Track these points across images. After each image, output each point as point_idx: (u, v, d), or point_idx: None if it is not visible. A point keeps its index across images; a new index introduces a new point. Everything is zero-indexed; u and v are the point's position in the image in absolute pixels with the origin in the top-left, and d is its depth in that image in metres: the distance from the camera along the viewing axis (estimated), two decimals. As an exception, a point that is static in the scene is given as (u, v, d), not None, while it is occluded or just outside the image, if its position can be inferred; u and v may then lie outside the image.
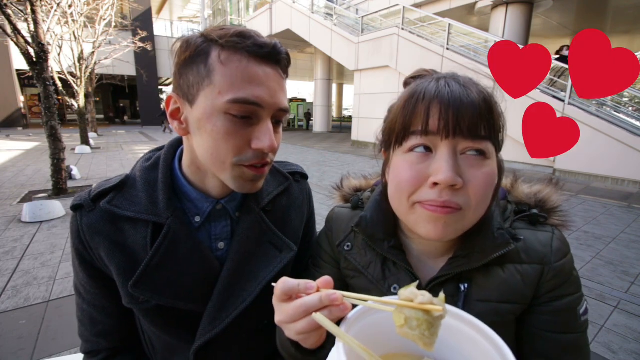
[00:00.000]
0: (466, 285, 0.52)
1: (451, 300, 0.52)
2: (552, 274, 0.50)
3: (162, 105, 18.31)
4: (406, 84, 0.55)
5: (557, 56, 6.99)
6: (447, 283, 0.52)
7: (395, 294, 0.53)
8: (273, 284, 0.41)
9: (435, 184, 0.44)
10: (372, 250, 0.58)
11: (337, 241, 0.63)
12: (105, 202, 0.56)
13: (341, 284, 0.64)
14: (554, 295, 0.51)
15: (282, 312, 0.39)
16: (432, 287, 0.53)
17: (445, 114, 0.44)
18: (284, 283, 0.39)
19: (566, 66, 6.61)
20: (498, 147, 0.49)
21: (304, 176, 0.78)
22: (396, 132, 0.49)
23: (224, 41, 0.49)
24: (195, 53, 0.50)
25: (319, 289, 0.38)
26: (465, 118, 0.44)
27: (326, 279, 0.39)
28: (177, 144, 0.64)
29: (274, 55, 0.51)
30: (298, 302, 0.38)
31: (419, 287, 0.52)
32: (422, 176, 0.45)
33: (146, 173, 0.59)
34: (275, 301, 0.41)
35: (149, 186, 0.57)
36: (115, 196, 0.57)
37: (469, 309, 0.50)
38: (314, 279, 0.63)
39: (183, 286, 0.57)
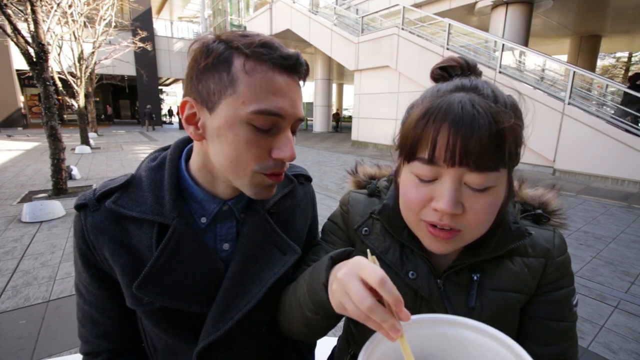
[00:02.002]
0: (478, 275, 0.56)
1: (465, 289, 0.56)
2: (554, 268, 0.56)
3: (148, 107, 18.37)
4: (434, 75, 0.55)
5: (630, 85, 6.28)
6: (461, 272, 0.56)
7: (413, 279, 0.57)
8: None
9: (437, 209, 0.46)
10: (390, 236, 0.60)
11: (355, 224, 0.64)
12: (110, 201, 0.55)
13: None
14: (554, 287, 0.56)
15: (354, 287, 0.39)
16: (447, 275, 0.56)
17: (452, 144, 0.43)
18: (385, 280, 0.37)
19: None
20: (511, 166, 0.49)
21: (308, 179, 0.78)
22: (405, 150, 0.50)
23: (250, 51, 0.48)
24: (217, 60, 0.49)
25: (393, 308, 0.38)
26: (472, 152, 0.43)
27: (406, 313, 0.37)
28: (183, 144, 0.64)
29: (297, 67, 0.52)
30: (370, 301, 0.37)
31: (435, 275, 0.57)
32: (426, 197, 0.48)
33: (152, 173, 0.58)
34: (357, 273, 0.39)
35: (154, 186, 0.57)
36: (120, 196, 0.56)
37: (482, 297, 0.55)
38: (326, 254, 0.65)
39: (187, 287, 0.56)
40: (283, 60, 0.49)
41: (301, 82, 0.55)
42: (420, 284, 0.57)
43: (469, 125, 0.43)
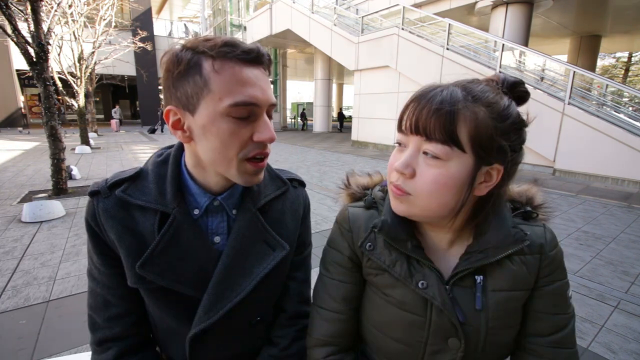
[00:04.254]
0: (481, 277, 0.58)
1: (471, 292, 0.58)
2: (548, 262, 0.59)
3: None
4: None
5: None
6: (465, 277, 0.58)
7: (424, 289, 0.58)
8: None
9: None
10: (395, 249, 0.61)
11: (359, 240, 0.65)
12: (120, 190, 0.62)
13: (358, 288, 0.68)
14: (548, 280, 0.59)
15: None
16: (454, 281, 0.58)
17: (410, 115, 0.53)
18: None
19: None
20: (482, 158, 0.51)
21: (302, 183, 0.82)
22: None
23: (215, 52, 0.53)
24: (187, 67, 0.53)
25: None
26: (421, 119, 0.51)
27: None
28: None
29: (259, 58, 0.56)
30: None
31: (443, 282, 0.59)
32: (394, 161, 0.56)
33: (157, 167, 0.65)
34: None
35: (159, 179, 0.63)
36: (129, 186, 0.62)
37: (486, 299, 0.57)
38: (331, 287, 0.68)
39: (184, 271, 0.62)
40: (246, 54, 0.54)
41: (266, 72, 0.60)
42: (432, 293, 0.57)
43: (426, 101, 0.51)
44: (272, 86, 0.61)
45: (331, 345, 0.68)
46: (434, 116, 0.50)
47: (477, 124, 0.50)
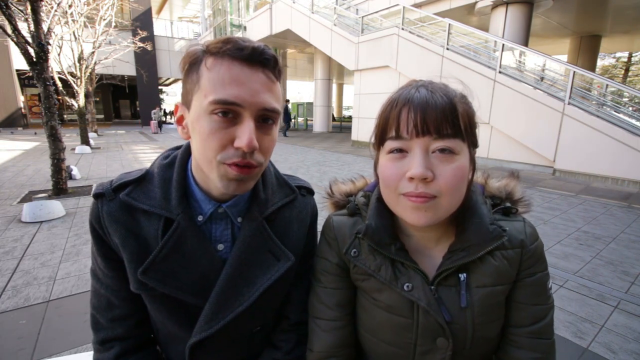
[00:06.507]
0: (465, 275, 0.59)
1: (455, 290, 0.58)
2: (529, 255, 0.60)
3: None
4: None
5: None
6: (449, 275, 0.59)
7: (409, 291, 0.59)
8: None
9: (412, 178, 0.52)
10: (380, 254, 0.62)
11: (344, 248, 0.65)
12: (124, 194, 0.60)
13: (351, 292, 0.69)
14: (529, 272, 0.60)
15: None
16: (439, 281, 0.59)
17: (414, 117, 0.52)
18: None
19: None
20: (472, 143, 0.56)
21: (310, 191, 0.80)
22: (378, 136, 0.58)
23: (210, 48, 0.53)
24: (191, 64, 0.54)
25: None
26: (430, 119, 0.51)
27: None
28: None
29: (255, 56, 0.52)
30: None
31: (428, 283, 0.59)
32: (401, 171, 0.53)
33: (163, 170, 0.63)
34: None
35: (164, 183, 0.62)
36: (133, 189, 0.61)
37: (470, 296, 0.58)
38: (325, 296, 0.68)
39: (186, 279, 0.60)
40: (238, 51, 0.52)
41: (269, 74, 0.55)
42: (417, 295, 0.58)
43: (425, 102, 0.52)
44: (275, 90, 0.56)
45: (333, 357, 0.67)
46: (442, 113, 0.51)
47: (467, 113, 0.54)
